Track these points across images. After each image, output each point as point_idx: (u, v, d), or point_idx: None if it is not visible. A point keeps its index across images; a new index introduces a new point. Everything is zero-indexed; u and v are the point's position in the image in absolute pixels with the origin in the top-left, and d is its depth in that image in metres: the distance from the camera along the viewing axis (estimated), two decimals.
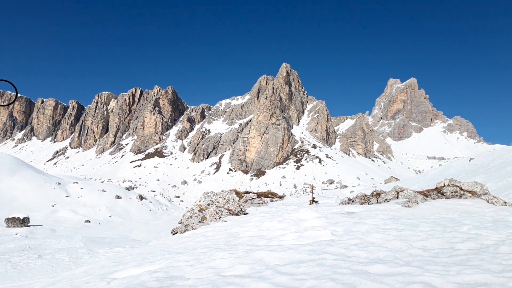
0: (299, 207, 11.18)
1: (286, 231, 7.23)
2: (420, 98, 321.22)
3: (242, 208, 11.24)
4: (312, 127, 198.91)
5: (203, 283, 4.14)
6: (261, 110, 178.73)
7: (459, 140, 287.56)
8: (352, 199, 11.54)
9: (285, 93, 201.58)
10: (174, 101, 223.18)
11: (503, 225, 6.73)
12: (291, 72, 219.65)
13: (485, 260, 4.32)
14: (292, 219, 8.44)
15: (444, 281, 3.59)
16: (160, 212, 54.69)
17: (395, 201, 10.04)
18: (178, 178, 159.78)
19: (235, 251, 5.72)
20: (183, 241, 8.07)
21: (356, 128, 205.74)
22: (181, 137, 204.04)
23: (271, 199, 15.12)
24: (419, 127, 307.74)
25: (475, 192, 10.11)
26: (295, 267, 4.53)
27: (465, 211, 8.32)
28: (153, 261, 6.03)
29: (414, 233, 6.28)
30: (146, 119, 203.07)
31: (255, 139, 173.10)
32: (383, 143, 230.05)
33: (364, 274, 4.01)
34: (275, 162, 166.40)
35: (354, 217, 8.24)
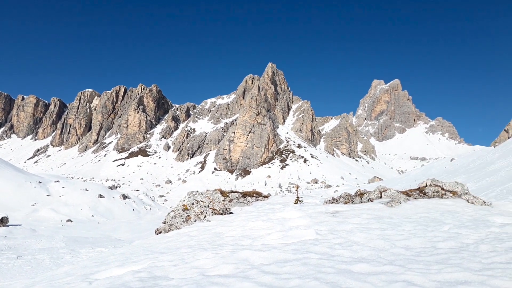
0: (284, 206, 11.21)
1: (271, 231, 7.23)
2: (403, 99, 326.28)
3: (227, 208, 11.20)
4: (298, 127, 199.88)
5: (187, 283, 4.10)
6: (246, 110, 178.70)
7: (441, 141, 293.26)
8: (336, 198, 11.62)
9: (271, 93, 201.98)
10: (159, 100, 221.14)
11: (483, 224, 6.88)
12: (277, 72, 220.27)
13: (465, 259, 4.41)
14: (277, 218, 8.45)
15: (425, 280, 3.64)
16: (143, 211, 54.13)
17: (378, 201, 10.17)
18: (162, 177, 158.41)
19: (219, 251, 5.69)
20: (167, 240, 8.00)
21: (341, 128, 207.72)
22: (165, 136, 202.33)
23: (256, 199, 15.11)
24: (402, 128, 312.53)
25: (456, 192, 10.32)
26: (280, 267, 4.53)
27: (446, 211, 8.48)
28: (136, 261, 5.95)
29: (397, 232, 6.36)
30: (130, 118, 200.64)
31: (241, 139, 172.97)
32: (367, 144, 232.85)
33: (348, 273, 4.04)
34: (261, 162, 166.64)
35: (338, 216, 8.30)
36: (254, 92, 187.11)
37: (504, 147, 40.42)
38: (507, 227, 6.38)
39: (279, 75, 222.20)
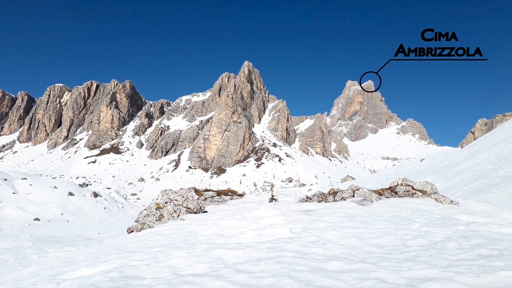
0: (258, 205, 11.22)
1: (245, 229, 7.22)
2: (376, 101, 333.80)
3: (201, 206, 11.11)
4: (273, 126, 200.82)
5: (159, 282, 4.03)
6: (222, 108, 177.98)
7: (412, 141, 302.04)
8: (310, 197, 11.74)
9: (247, 92, 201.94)
10: (132, 96, 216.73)
11: (450, 222, 7.11)
12: (253, 70, 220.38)
13: (434, 256, 4.54)
14: (252, 217, 8.45)
15: (396, 277, 3.72)
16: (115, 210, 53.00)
17: (351, 200, 10.34)
18: (135, 175, 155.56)
19: (193, 250, 5.63)
20: (139, 239, 7.85)
21: (315, 128, 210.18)
22: (138, 133, 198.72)
23: (231, 197, 15.07)
24: (374, 128, 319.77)
25: (425, 191, 10.63)
26: (254, 265, 4.52)
27: (416, 210, 8.72)
28: (107, 260, 5.80)
29: (369, 230, 6.48)
30: (102, 114, 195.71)
31: (216, 137, 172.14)
32: (340, 143, 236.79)
33: (321, 271, 4.07)
34: (236, 160, 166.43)
35: (312, 214, 8.38)
36: (230, 90, 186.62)
37: (470, 148, 42.01)
38: (472, 225, 6.62)
39: (255, 74, 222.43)
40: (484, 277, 3.51)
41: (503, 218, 7.84)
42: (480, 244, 5.01)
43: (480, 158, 32.36)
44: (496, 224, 6.70)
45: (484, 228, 6.30)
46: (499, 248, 4.71)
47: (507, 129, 40.11)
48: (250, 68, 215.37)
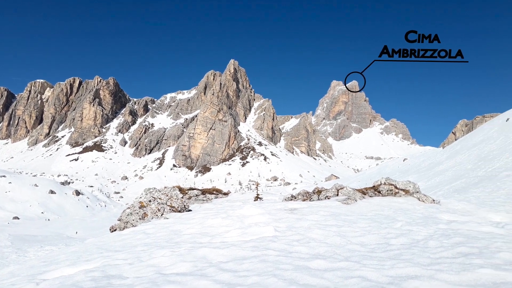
0: (243, 203, 11.21)
1: (230, 228, 7.20)
2: (360, 101, 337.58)
3: (186, 205, 11.03)
4: (259, 125, 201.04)
5: (142, 282, 3.98)
6: (208, 106, 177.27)
7: (395, 141, 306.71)
8: (295, 195, 11.79)
9: (233, 90, 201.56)
10: (116, 93, 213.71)
11: (432, 221, 7.24)
12: (239, 69, 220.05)
13: (416, 254, 4.61)
14: (237, 215, 8.44)
15: (379, 275, 3.76)
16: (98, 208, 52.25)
17: (335, 198, 10.42)
18: (118, 173, 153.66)
19: (177, 249, 5.58)
20: (122, 238, 7.75)
21: (300, 127, 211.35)
22: (122, 131, 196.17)
23: (216, 196, 15.02)
24: (358, 128, 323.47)
25: (408, 190, 10.80)
26: (238, 264, 4.51)
27: (399, 208, 8.85)
28: (89, 259, 5.71)
29: (353, 229, 6.54)
30: (85, 111, 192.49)
31: (201, 135, 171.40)
32: (325, 143, 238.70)
33: (305, 270, 4.09)
34: (221, 159, 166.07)
35: (297, 213, 8.42)
36: (215, 89, 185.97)
37: (451, 149, 42.91)
38: (453, 224, 6.75)
39: (241, 72, 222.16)
40: (464, 275, 3.58)
41: (482, 216, 8.03)
42: (460, 242, 5.12)
43: (460, 158, 33.07)
44: (476, 223, 6.86)
45: (464, 227, 6.44)
46: (479, 246, 4.81)
47: (487, 130, 41.11)
48: (236, 66, 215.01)
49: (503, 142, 30.90)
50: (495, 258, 4.18)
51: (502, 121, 40.17)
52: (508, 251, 4.44)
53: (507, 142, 29.86)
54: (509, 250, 4.47)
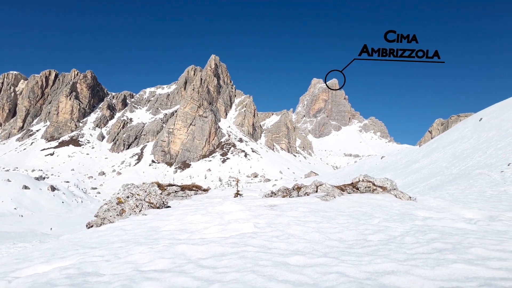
0: (223, 200, 11.18)
1: (209, 224, 7.16)
2: (340, 99, 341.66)
3: (164, 201, 10.91)
4: (239, 121, 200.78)
5: (119, 279, 3.90)
6: (188, 101, 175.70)
7: (373, 139, 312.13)
8: (274, 192, 11.84)
9: (213, 86, 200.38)
10: (94, 87, 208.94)
11: (408, 217, 7.40)
12: (220, 64, 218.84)
13: (393, 250, 4.69)
14: (216, 212, 8.40)
15: (357, 271, 3.81)
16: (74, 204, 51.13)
17: (314, 195, 10.52)
18: (95, 169, 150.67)
19: (155, 245, 5.51)
20: (99, 235, 7.59)
21: (281, 124, 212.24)
22: (100, 125, 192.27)
23: (196, 192, 14.92)
24: (338, 126, 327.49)
25: (385, 187, 11.00)
26: (217, 260, 4.49)
27: (376, 205, 9.00)
28: (64, 256, 5.56)
29: (331, 225, 6.61)
30: (61, 104, 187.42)
31: (181, 131, 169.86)
32: (305, 140, 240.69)
33: (284, 266, 4.10)
34: (201, 155, 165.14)
35: (276, 209, 8.45)
36: (196, 84, 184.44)
37: (427, 147, 43.99)
38: (428, 220, 6.92)
39: (222, 68, 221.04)
40: (439, 270, 3.67)
41: (456, 213, 8.26)
42: (435, 238, 5.25)
43: (436, 156, 33.94)
44: (450, 219, 7.05)
45: (439, 223, 6.60)
46: (452, 242, 4.94)
47: (461, 129, 42.31)
48: (217, 62, 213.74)
49: (476, 141, 31.87)
50: (467, 253, 4.30)
51: (475, 121, 41.41)
52: (480, 246, 4.58)
53: (479, 141, 30.82)
54: (481, 246, 4.61)
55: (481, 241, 4.91)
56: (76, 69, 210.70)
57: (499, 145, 26.24)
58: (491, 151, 25.45)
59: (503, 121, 33.79)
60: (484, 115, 41.79)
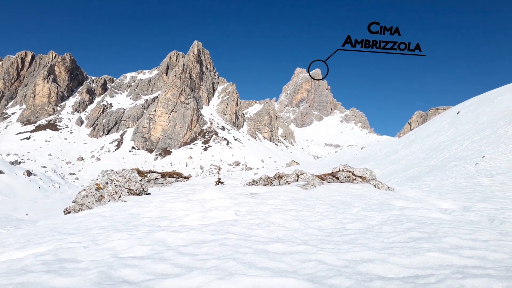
0: (204, 187, 11.15)
1: (190, 212, 7.14)
2: (322, 89, 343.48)
3: (144, 188, 10.80)
4: (222, 109, 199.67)
5: (97, 265, 3.85)
6: (169, 87, 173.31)
7: (354, 130, 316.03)
8: (256, 180, 11.87)
9: (196, 72, 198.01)
10: (72, 70, 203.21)
11: (386, 207, 7.55)
12: (203, 51, 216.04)
13: (371, 239, 4.79)
14: (197, 199, 8.37)
15: (336, 259, 3.87)
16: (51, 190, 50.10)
17: (295, 184, 10.60)
18: (73, 154, 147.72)
19: (134, 232, 5.45)
20: (76, 221, 7.47)
21: (264, 113, 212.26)
22: (78, 110, 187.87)
23: (176, 180, 14.82)
24: (320, 116, 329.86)
25: (365, 177, 11.18)
26: (198, 248, 4.48)
27: (356, 194, 9.14)
28: (40, 243, 5.45)
29: (311, 213, 6.69)
30: (38, 87, 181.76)
31: (162, 117, 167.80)
32: (287, 129, 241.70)
33: (264, 253, 4.13)
34: (182, 142, 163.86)
35: (258, 197, 8.49)
36: (178, 70, 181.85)
37: (406, 138, 44.84)
38: (405, 210, 7.08)
39: (205, 55, 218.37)
40: (414, 258, 3.77)
41: (432, 203, 8.48)
42: (411, 227, 5.37)
43: (414, 148, 34.66)
44: (426, 209, 7.23)
45: (416, 213, 6.77)
46: (428, 231, 5.07)
47: (439, 121, 43.25)
48: (200, 48, 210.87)
49: (453, 133, 32.67)
50: (442, 242, 4.43)
51: (453, 114, 42.39)
52: (454, 235, 4.72)
53: (456, 134, 31.60)
54: (455, 235, 4.76)
55: (455, 231, 5.06)
56: (54, 51, 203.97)
57: (474, 138, 26.99)
58: (467, 144, 26.15)
59: (479, 115, 34.71)
60: (461, 109, 42.81)
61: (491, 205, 8.09)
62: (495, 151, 20.77)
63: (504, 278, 3.06)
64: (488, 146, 22.81)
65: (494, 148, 21.69)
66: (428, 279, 3.16)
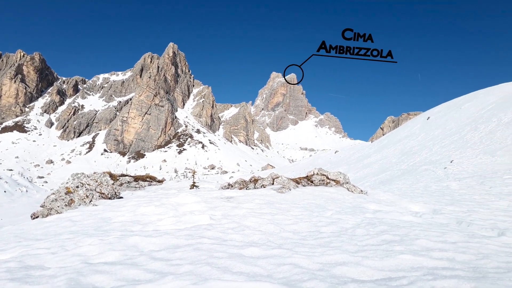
0: (179, 191, 11.00)
1: (163, 216, 7.01)
2: (298, 93, 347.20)
3: (117, 192, 10.54)
4: (197, 111, 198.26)
5: (66, 272, 3.71)
6: (143, 89, 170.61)
7: (328, 134, 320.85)
8: (231, 184, 11.82)
9: (171, 74, 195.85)
10: (42, 70, 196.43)
11: (359, 210, 7.67)
12: (178, 53, 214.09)
13: (344, 242, 4.84)
14: (171, 203, 8.24)
15: (310, 262, 3.89)
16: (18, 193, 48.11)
17: (271, 187, 10.62)
18: (42, 157, 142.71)
19: (106, 237, 5.30)
20: (44, 226, 7.20)
21: (240, 116, 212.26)
22: (48, 111, 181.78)
23: (150, 183, 14.55)
24: (295, 120, 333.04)
25: (339, 181, 11.33)
26: (171, 253, 4.40)
27: (330, 198, 9.25)
28: (5, 249, 5.21)
29: (286, 217, 6.71)
30: (4, 87, 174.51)
31: (136, 119, 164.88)
32: (263, 133, 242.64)
33: (239, 258, 4.10)
34: (156, 145, 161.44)
35: (233, 201, 8.44)
36: (153, 72, 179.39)
37: (379, 143, 45.88)
38: (378, 213, 7.22)
39: (181, 57, 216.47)
40: (387, 261, 3.83)
41: (404, 207, 8.69)
42: (384, 230, 5.48)
43: (387, 152, 35.49)
44: (398, 212, 7.39)
45: (388, 216, 6.91)
46: (400, 234, 5.18)
47: (410, 127, 44.51)
48: (175, 50, 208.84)
49: (423, 138, 33.68)
50: (413, 245, 4.53)
51: (424, 119, 43.73)
52: (424, 238, 4.84)
53: (427, 139, 32.60)
54: (426, 237, 4.88)
55: (426, 233, 5.20)
56: (22, 50, 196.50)
57: (443, 143, 27.91)
58: (437, 149, 27.01)
59: (448, 121, 35.95)
60: (431, 114, 44.23)
61: (459, 208, 8.36)
62: (463, 156, 21.54)
63: (472, 279, 3.16)
64: (456, 151, 23.64)
65: (461, 153, 22.50)
66: (401, 281, 3.21)
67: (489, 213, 7.51)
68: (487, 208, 8.28)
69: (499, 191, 10.80)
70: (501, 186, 11.67)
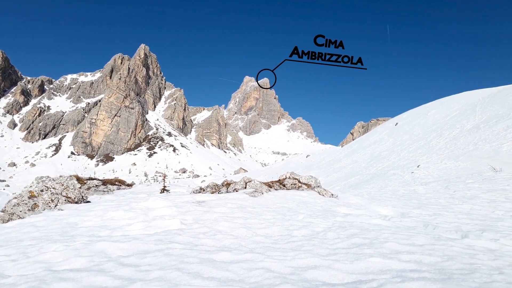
0: (148, 195, 10.77)
1: (133, 221, 6.83)
2: (270, 98, 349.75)
3: (84, 196, 10.20)
4: (169, 114, 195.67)
5: (28, 280, 3.54)
6: (113, 91, 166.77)
7: (300, 138, 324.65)
8: (203, 188, 11.70)
9: (142, 76, 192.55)
10: (5, 69, 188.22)
11: (330, 214, 7.76)
12: (150, 54, 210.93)
13: (316, 245, 4.87)
14: (140, 208, 8.05)
15: (282, 266, 3.88)
16: None
17: (243, 191, 10.58)
18: (4, 159, 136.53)
19: (72, 243, 5.10)
20: (5, 232, 6.84)
21: (212, 120, 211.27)
22: (11, 112, 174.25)
23: (119, 187, 14.18)
24: (268, 124, 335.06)
25: (310, 184, 11.44)
26: (140, 258, 4.29)
27: (301, 202, 9.32)
28: None
29: (259, 221, 6.70)
30: None
31: (105, 122, 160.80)
32: (235, 136, 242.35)
33: (210, 263, 4.05)
34: (126, 148, 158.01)
35: (204, 206, 8.35)
36: (123, 73, 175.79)
37: (349, 148, 46.81)
38: (348, 217, 7.33)
39: (152, 58, 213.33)
40: (357, 264, 3.89)
41: (373, 210, 8.86)
42: (354, 233, 5.56)
43: (356, 157, 36.24)
44: (368, 216, 7.54)
45: (358, 219, 7.02)
46: (370, 237, 5.28)
47: (379, 132, 45.68)
48: (146, 51, 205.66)
49: (392, 144, 34.64)
50: (383, 248, 4.62)
51: (392, 125, 45.02)
52: (393, 241, 4.95)
53: (395, 144, 33.55)
54: (394, 240, 4.99)
55: (394, 236, 5.31)
56: None
57: (411, 148, 28.81)
58: (404, 154, 27.84)
59: (414, 127, 37.17)
60: (399, 120, 45.61)
61: (426, 211, 8.62)
62: (429, 161, 22.29)
63: (438, 280, 3.25)
64: (423, 156, 24.44)
65: (427, 158, 23.27)
66: (370, 284, 3.26)
67: (453, 216, 7.77)
68: (452, 211, 8.58)
69: (462, 194, 11.23)
70: (464, 190, 12.13)
